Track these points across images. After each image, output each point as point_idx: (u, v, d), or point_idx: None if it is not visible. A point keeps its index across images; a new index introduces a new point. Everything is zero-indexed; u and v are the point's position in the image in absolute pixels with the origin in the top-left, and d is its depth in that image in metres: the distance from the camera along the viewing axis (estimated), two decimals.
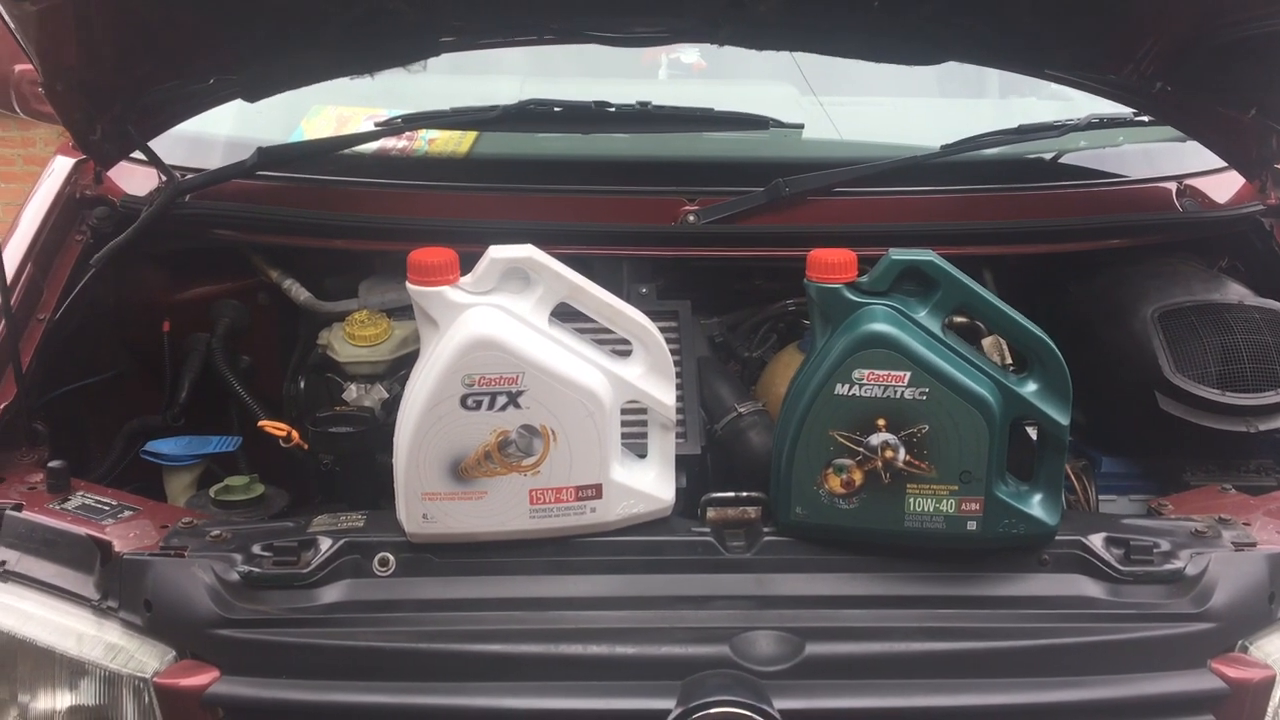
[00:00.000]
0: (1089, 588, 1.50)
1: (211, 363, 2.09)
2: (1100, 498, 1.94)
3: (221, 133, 2.18)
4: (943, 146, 2.07)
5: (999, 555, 1.52)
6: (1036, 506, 1.50)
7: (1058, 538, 1.51)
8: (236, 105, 2.00)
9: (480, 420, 1.44)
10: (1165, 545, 1.52)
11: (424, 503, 1.46)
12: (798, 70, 2.33)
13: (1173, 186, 2.17)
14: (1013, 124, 2.12)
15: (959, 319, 1.91)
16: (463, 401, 1.43)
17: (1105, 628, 1.46)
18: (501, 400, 1.43)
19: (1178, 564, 1.50)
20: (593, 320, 1.52)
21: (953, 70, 2.19)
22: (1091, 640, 1.45)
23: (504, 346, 1.43)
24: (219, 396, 2.10)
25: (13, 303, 1.76)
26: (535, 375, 1.43)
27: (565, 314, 1.51)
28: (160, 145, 1.97)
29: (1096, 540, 1.52)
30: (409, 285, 1.46)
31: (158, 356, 2.11)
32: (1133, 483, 1.96)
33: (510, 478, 1.46)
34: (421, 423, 1.44)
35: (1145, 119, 2.14)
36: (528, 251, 1.46)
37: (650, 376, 1.52)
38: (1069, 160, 2.23)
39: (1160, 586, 1.49)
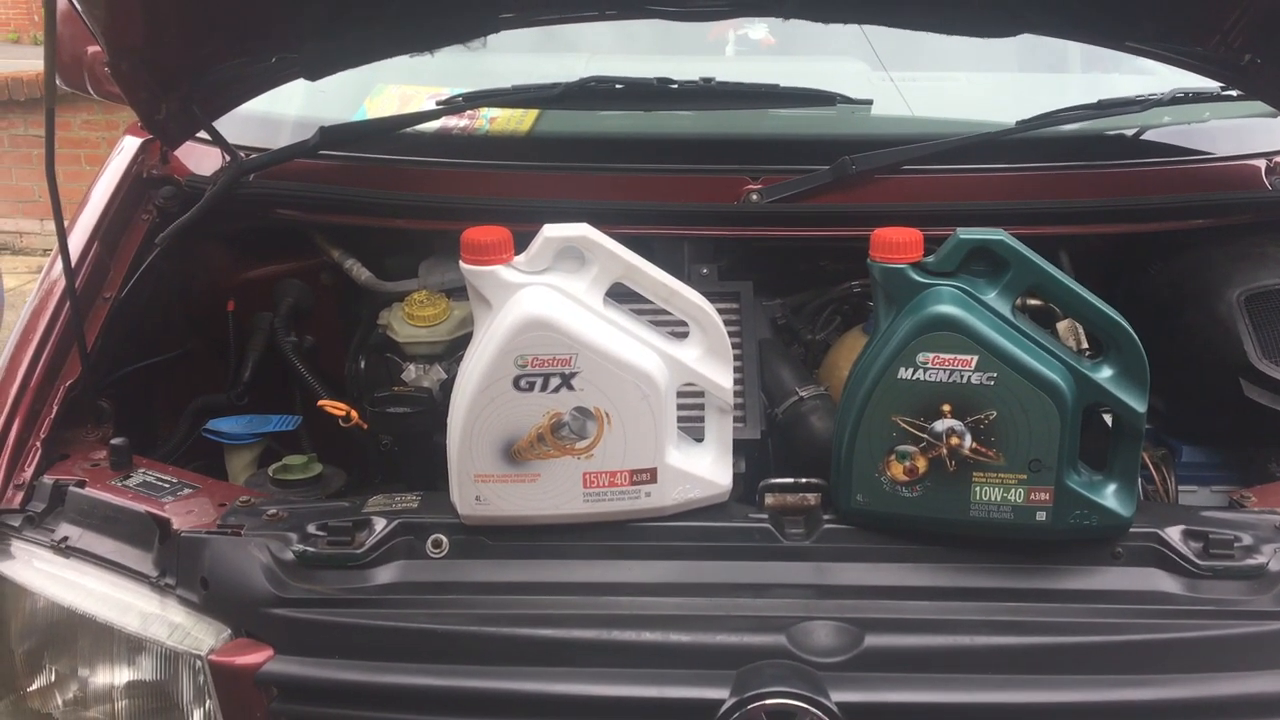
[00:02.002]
0: (1165, 582, 1.44)
1: (275, 342, 2.10)
2: (1180, 488, 1.87)
3: (289, 113, 2.18)
4: (1018, 122, 2.00)
5: (1069, 547, 1.46)
6: (1110, 497, 1.44)
7: (1133, 530, 1.45)
8: (304, 85, 2.00)
9: (533, 402, 1.42)
10: (1247, 539, 1.45)
11: (477, 485, 1.45)
12: (869, 45, 2.27)
13: (1262, 164, 2.08)
14: (1094, 100, 2.04)
15: (1033, 301, 1.85)
16: (515, 383, 1.41)
17: (1181, 624, 1.41)
18: (555, 381, 1.41)
19: (1260, 559, 1.43)
20: (649, 301, 1.49)
21: (1033, 44, 2.11)
22: (1166, 637, 1.40)
23: (557, 327, 1.40)
24: (283, 375, 2.11)
25: (79, 282, 1.78)
26: (589, 356, 1.41)
27: (622, 294, 1.48)
28: (229, 125, 1.98)
29: (1174, 533, 1.46)
30: (462, 264, 1.44)
31: (222, 335, 2.12)
32: (1214, 473, 1.89)
33: (563, 460, 1.44)
34: (474, 404, 1.42)
35: (1233, 93, 2.05)
36: (582, 230, 1.44)
37: (707, 359, 1.49)
38: (1151, 136, 2.14)
39: (1241, 582, 1.43)
